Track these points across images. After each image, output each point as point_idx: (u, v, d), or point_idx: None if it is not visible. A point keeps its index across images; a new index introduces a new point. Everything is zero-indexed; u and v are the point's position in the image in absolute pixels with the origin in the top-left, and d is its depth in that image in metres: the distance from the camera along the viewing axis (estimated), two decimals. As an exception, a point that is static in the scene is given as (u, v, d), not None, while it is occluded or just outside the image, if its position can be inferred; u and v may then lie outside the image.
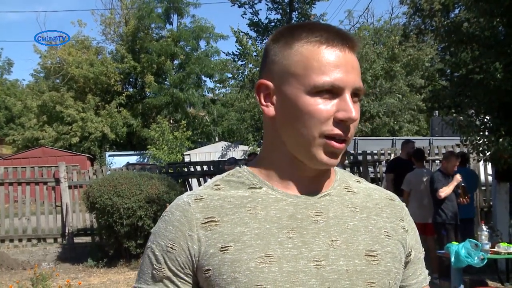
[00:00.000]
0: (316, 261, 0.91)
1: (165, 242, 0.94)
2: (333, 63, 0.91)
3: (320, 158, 0.93)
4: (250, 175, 0.99)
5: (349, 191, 1.01)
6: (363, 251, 0.94)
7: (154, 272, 0.94)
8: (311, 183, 0.97)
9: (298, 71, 0.92)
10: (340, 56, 0.92)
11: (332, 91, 0.91)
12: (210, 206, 0.95)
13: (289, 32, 0.96)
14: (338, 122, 0.91)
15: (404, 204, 1.08)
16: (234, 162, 8.21)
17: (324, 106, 0.91)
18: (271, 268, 0.89)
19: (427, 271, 1.09)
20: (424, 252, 1.09)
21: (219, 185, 0.99)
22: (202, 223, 0.93)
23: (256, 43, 20.62)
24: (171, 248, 0.93)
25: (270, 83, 0.96)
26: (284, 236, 0.91)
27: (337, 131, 0.91)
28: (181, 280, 0.94)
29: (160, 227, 0.96)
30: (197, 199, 0.96)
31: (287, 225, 0.93)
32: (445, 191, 6.25)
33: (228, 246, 0.90)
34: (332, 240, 0.93)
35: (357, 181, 1.06)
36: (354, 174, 1.16)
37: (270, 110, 0.97)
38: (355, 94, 0.92)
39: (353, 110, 0.90)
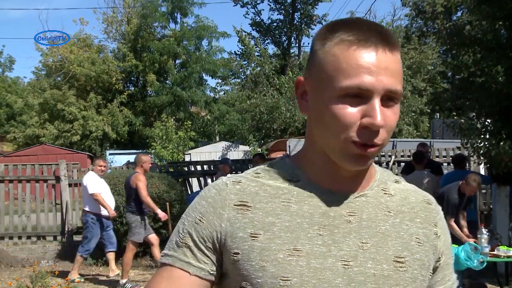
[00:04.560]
0: (344, 261, 0.91)
1: (195, 214, 0.96)
2: (362, 65, 0.87)
3: (347, 162, 0.91)
4: (291, 167, 0.99)
5: (385, 193, 1.00)
6: (391, 257, 0.94)
7: (177, 239, 0.96)
8: (349, 181, 0.96)
9: (329, 72, 0.89)
10: (371, 58, 0.87)
11: (361, 95, 0.87)
12: (246, 190, 0.96)
13: (329, 28, 0.94)
14: (363, 128, 0.87)
15: (439, 208, 1.07)
16: (225, 162, 8.43)
17: (350, 110, 0.87)
18: (299, 262, 0.89)
19: (455, 275, 1.08)
20: (453, 257, 1.08)
21: (259, 173, 0.99)
22: (235, 205, 0.94)
23: (257, 43, 20.62)
24: (199, 220, 0.94)
25: (305, 80, 0.96)
26: (314, 232, 0.92)
27: (361, 138, 0.88)
28: (200, 252, 0.94)
29: (195, 201, 0.98)
30: (235, 181, 0.97)
31: (319, 221, 0.93)
32: (452, 227, 5.95)
33: (257, 234, 0.91)
34: (363, 242, 0.93)
35: (396, 182, 1.04)
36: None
37: (305, 108, 0.97)
38: (389, 98, 0.88)
39: (379, 116, 0.86)
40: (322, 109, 0.91)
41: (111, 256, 7.53)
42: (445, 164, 9.67)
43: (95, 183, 7.33)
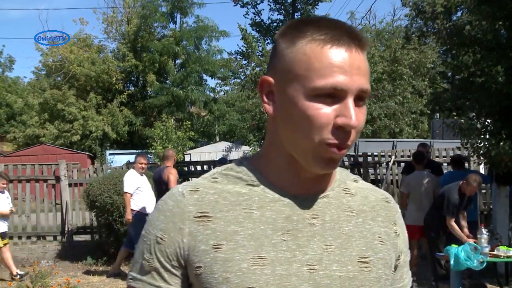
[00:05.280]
0: (309, 265, 0.89)
1: (156, 231, 0.92)
2: (336, 64, 0.84)
3: (318, 165, 0.89)
4: (250, 171, 0.95)
5: (347, 193, 0.98)
6: (356, 257, 0.92)
7: (144, 262, 0.93)
8: (312, 183, 0.94)
9: (300, 71, 0.86)
10: (345, 57, 0.85)
11: (334, 95, 0.85)
12: (204, 199, 0.91)
13: (295, 27, 0.90)
14: (337, 128, 0.85)
15: (398, 206, 1.06)
16: (223, 162, 8.40)
17: (324, 111, 0.85)
18: (264, 270, 0.86)
19: (410, 273, 1.08)
20: (410, 255, 1.07)
21: (217, 178, 0.95)
22: (195, 217, 0.90)
23: (259, 43, 20.61)
24: (161, 238, 0.91)
25: (272, 80, 0.92)
26: (278, 238, 0.89)
27: (335, 139, 0.86)
28: (168, 272, 0.91)
29: (153, 215, 0.94)
30: (192, 190, 0.93)
31: (282, 227, 0.90)
32: (452, 227, 5.99)
33: (220, 245, 0.88)
34: (327, 245, 0.91)
35: (354, 181, 1.03)
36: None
37: (270, 108, 0.92)
38: (359, 97, 0.87)
39: (353, 117, 0.84)
40: (292, 110, 0.87)
41: (123, 253, 7.43)
42: (445, 164, 9.67)
43: (131, 182, 7.19)
